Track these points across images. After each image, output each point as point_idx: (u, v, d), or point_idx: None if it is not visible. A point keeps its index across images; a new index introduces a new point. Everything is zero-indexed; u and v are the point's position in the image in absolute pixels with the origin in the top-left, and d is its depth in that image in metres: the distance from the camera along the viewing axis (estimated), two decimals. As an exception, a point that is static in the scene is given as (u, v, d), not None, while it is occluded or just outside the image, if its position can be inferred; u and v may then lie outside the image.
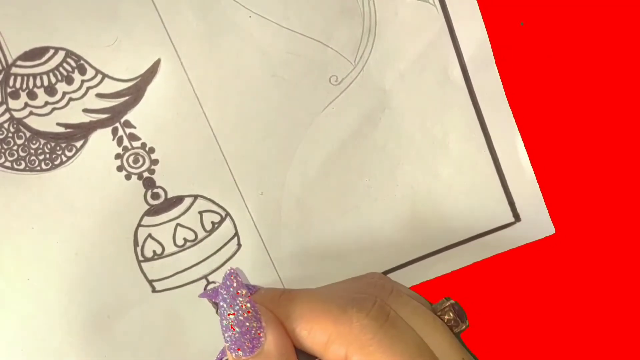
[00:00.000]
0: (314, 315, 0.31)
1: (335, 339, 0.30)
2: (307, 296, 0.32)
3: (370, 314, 0.31)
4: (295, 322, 0.31)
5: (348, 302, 0.31)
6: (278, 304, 0.32)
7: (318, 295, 0.33)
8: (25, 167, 0.36)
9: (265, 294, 0.33)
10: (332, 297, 0.32)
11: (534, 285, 0.41)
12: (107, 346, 0.38)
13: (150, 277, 0.38)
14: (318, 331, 0.31)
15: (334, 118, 0.39)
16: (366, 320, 0.30)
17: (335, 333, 0.30)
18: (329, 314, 0.31)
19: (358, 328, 0.30)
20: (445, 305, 0.34)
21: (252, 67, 0.38)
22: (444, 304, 0.34)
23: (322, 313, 0.31)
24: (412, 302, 0.33)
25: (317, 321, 0.31)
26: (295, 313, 0.32)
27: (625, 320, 0.42)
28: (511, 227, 0.40)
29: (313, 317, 0.31)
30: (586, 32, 0.39)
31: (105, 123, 0.37)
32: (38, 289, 0.37)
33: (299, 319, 0.31)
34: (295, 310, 0.32)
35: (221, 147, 0.38)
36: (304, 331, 0.31)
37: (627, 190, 0.41)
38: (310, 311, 0.31)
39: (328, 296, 0.32)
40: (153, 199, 0.38)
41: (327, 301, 0.32)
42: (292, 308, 0.32)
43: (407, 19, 0.38)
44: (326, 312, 0.31)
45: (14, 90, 0.36)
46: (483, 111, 0.39)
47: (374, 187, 0.40)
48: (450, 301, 0.34)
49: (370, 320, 0.30)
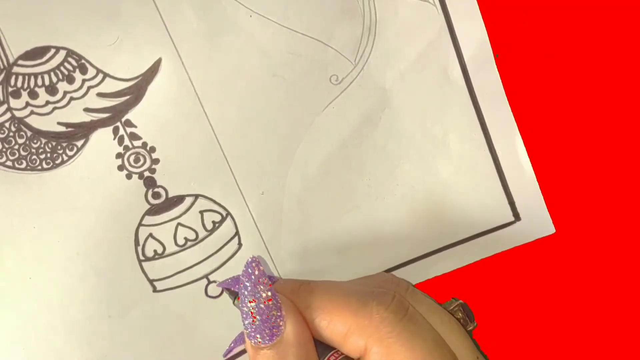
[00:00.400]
0: (334, 306, 0.31)
1: (355, 330, 0.31)
2: (328, 288, 0.33)
3: (390, 307, 0.31)
4: (315, 312, 0.32)
5: (368, 295, 0.32)
6: (298, 295, 0.32)
7: (338, 287, 0.33)
8: (26, 167, 0.36)
9: (285, 284, 0.33)
10: (352, 290, 0.32)
11: (534, 284, 0.41)
12: (108, 345, 0.38)
13: (151, 277, 0.38)
14: (338, 322, 0.31)
15: (335, 117, 0.39)
16: (386, 313, 0.31)
17: (355, 325, 0.31)
18: (349, 306, 0.31)
19: (378, 320, 0.30)
20: (454, 305, 0.34)
21: (252, 66, 0.38)
22: (453, 304, 0.34)
23: (343, 305, 0.31)
24: (428, 300, 0.34)
25: (338, 312, 0.31)
26: (315, 303, 0.32)
27: (624, 319, 0.42)
28: (511, 226, 0.40)
29: (333, 308, 0.31)
30: (586, 32, 0.40)
31: (106, 122, 0.37)
32: (39, 288, 0.37)
33: (319, 310, 0.32)
34: (315, 301, 0.32)
35: (222, 147, 0.38)
36: (324, 322, 0.31)
37: (627, 189, 0.41)
38: (331, 302, 0.31)
39: (348, 289, 0.33)
40: (154, 199, 0.38)
41: (347, 294, 0.32)
42: (312, 298, 0.32)
43: (407, 18, 0.39)
44: (346, 304, 0.31)
45: (15, 90, 0.36)
46: (483, 111, 0.39)
47: (374, 186, 0.40)
48: (458, 301, 0.35)
49: (390, 313, 0.31)
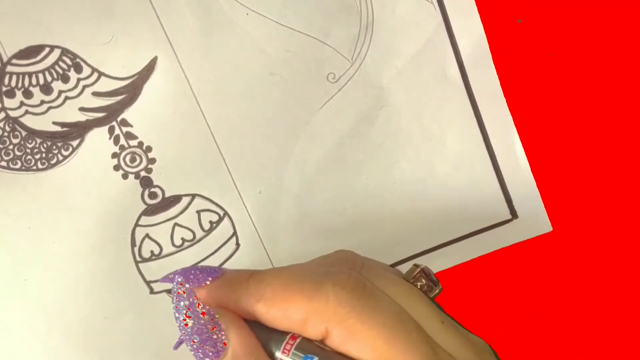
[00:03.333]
0: (288, 294, 0.30)
1: (312, 316, 0.29)
2: (278, 274, 0.31)
3: (347, 286, 0.30)
4: (269, 303, 0.30)
5: (322, 276, 0.30)
6: (247, 286, 0.31)
7: (290, 273, 0.31)
8: (21, 167, 0.36)
9: (232, 277, 0.31)
10: (305, 273, 0.31)
11: (531, 282, 0.41)
12: (104, 347, 0.38)
13: (148, 278, 0.38)
14: (294, 310, 0.30)
15: (332, 116, 0.39)
16: (343, 293, 0.29)
17: (312, 310, 0.29)
18: (303, 291, 0.30)
19: (335, 302, 0.29)
20: (416, 272, 0.33)
21: (249, 64, 0.37)
22: (415, 271, 0.33)
23: (296, 291, 0.30)
24: (385, 273, 0.32)
25: (292, 300, 0.30)
26: (267, 294, 0.30)
27: (621, 318, 0.42)
28: (508, 224, 0.40)
29: (287, 297, 0.30)
30: (583, 29, 0.40)
31: (101, 122, 0.36)
32: (35, 290, 0.37)
33: (272, 300, 0.30)
34: (267, 291, 0.30)
35: (219, 146, 0.38)
36: (280, 312, 0.30)
37: (624, 188, 0.41)
38: (284, 290, 0.30)
39: (300, 273, 0.31)
40: (150, 199, 0.37)
41: (299, 278, 0.30)
42: (263, 289, 0.30)
43: (404, 16, 0.38)
44: (300, 290, 0.30)
45: (9, 89, 0.35)
46: (480, 108, 0.39)
47: (371, 184, 0.39)
48: (420, 266, 0.33)
49: (348, 293, 0.29)
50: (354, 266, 0.32)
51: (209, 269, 0.31)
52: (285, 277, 0.31)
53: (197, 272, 0.31)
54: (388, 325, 0.29)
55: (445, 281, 0.40)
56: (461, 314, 0.40)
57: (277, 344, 0.30)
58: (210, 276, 0.31)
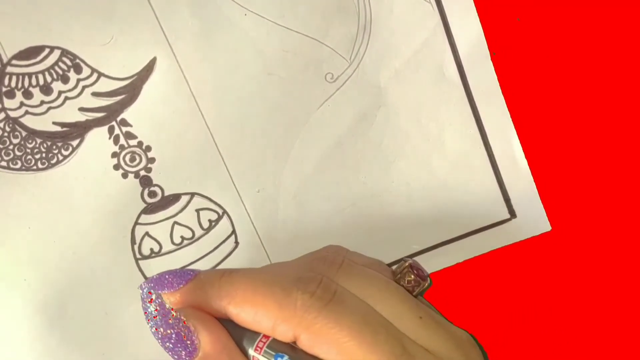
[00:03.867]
0: (257, 298, 0.31)
1: (281, 322, 0.30)
2: (250, 278, 0.31)
3: (315, 294, 0.30)
4: (239, 306, 0.31)
5: (292, 282, 0.31)
6: (219, 287, 0.31)
7: (261, 276, 0.32)
8: (21, 167, 0.36)
9: (205, 278, 0.32)
10: (276, 278, 0.31)
11: (529, 281, 0.41)
12: (105, 344, 0.38)
13: (148, 276, 0.38)
14: (263, 315, 0.30)
15: (330, 115, 0.39)
16: (310, 301, 0.30)
17: (280, 317, 0.30)
18: (272, 297, 0.30)
19: (302, 309, 0.30)
20: (404, 267, 0.33)
21: (248, 65, 0.38)
22: (403, 266, 0.33)
23: (266, 295, 0.30)
24: (364, 271, 0.33)
25: (261, 305, 0.30)
26: (237, 297, 0.31)
27: (620, 318, 0.42)
28: (506, 223, 0.40)
29: (256, 300, 0.30)
30: (581, 28, 0.40)
31: (101, 122, 0.37)
32: (35, 289, 0.37)
33: (242, 303, 0.31)
34: (238, 294, 0.31)
35: (217, 145, 0.38)
36: (249, 315, 0.31)
37: (623, 187, 0.41)
38: (253, 294, 0.31)
39: (271, 277, 0.31)
40: (150, 197, 0.38)
41: (269, 283, 0.31)
42: (234, 291, 0.31)
43: (402, 16, 0.38)
44: (269, 295, 0.30)
45: (9, 90, 0.36)
46: (478, 108, 0.39)
47: (370, 183, 0.40)
48: (408, 261, 0.34)
49: (315, 300, 0.30)
50: (331, 267, 0.32)
51: (181, 272, 0.32)
52: (255, 280, 0.31)
53: (170, 276, 0.32)
54: (354, 327, 0.30)
55: (444, 280, 0.41)
56: (459, 313, 0.41)
57: (250, 342, 0.31)
58: (184, 279, 0.32)
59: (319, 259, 0.33)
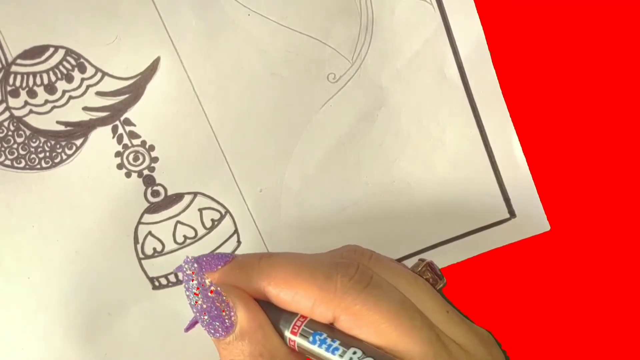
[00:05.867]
0: (298, 279, 0.31)
1: (320, 303, 0.31)
2: (290, 260, 0.32)
3: (354, 278, 0.31)
4: (279, 286, 0.31)
5: (332, 267, 0.32)
6: (259, 269, 0.32)
7: (301, 259, 0.32)
8: (25, 166, 0.36)
9: (242, 260, 0.33)
10: (315, 262, 0.32)
11: (528, 281, 0.42)
12: (108, 344, 0.38)
13: (151, 275, 0.38)
14: (303, 296, 0.31)
15: (332, 115, 0.39)
16: (350, 283, 0.31)
17: (320, 297, 0.31)
18: (312, 278, 0.31)
19: (342, 291, 0.31)
20: (421, 266, 0.34)
21: (251, 65, 0.38)
22: (420, 265, 0.35)
23: (307, 277, 0.31)
24: (392, 263, 0.34)
25: (302, 286, 0.31)
26: (277, 277, 0.31)
27: (619, 317, 0.42)
28: (506, 223, 0.41)
29: (297, 282, 0.31)
30: (581, 28, 0.40)
31: (105, 121, 0.37)
32: (39, 287, 0.37)
33: (282, 283, 0.31)
34: (278, 274, 0.31)
35: (220, 145, 0.38)
36: (289, 296, 0.31)
37: (622, 188, 0.41)
38: (294, 275, 0.31)
39: (311, 261, 0.32)
40: (153, 197, 0.38)
41: (309, 265, 0.32)
42: (274, 272, 0.31)
43: (404, 17, 0.39)
44: (309, 276, 0.31)
45: (14, 89, 0.36)
46: (479, 108, 0.40)
47: (371, 183, 0.40)
48: (425, 261, 0.35)
49: (355, 283, 0.31)
50: (362, 257, 0.33)
51: (220, 255, 0.33)
52: (295, 262, 0.32)
53: (208, 258, 0.32)
54: (392, 311, 0.31)
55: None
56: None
57: (287, 324, 0.31)
58: (222, 261, 0.32)
59: (349, 251, 0.34)
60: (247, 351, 0.31)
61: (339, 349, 0.30)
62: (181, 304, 0.38)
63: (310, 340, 0.31)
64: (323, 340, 0.31)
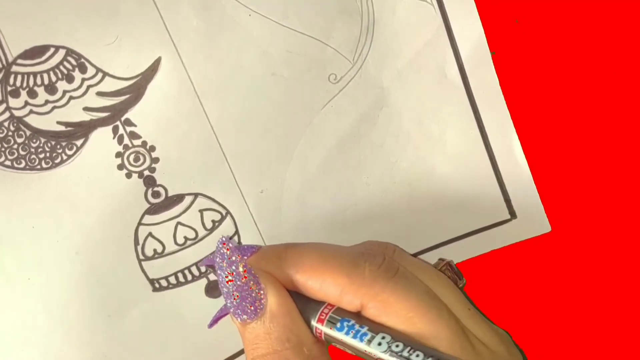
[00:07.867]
0: (326, 268, 0.31)
1: (348, 291, 0.31)
2: (317, 249, 0.33)
3: (382, 267, 0.32)
4: (307, 274, 0.32)
5: (359, 256, 0.32)
6: (285, 258, 0.32)
7: (328, 248, 0.33)
8: (25, 166, 0.36)
9: (269, 249, 0.33)
10: (342, 251, 0.33)
11: (529, 282, 0.42)
12: (108, 345, 0.38)
13: (151, 276, 0.38)
14: (331, 284, 0.31)
15: (333, 116, 0.39)
16: (378, 272, 0.31)
17: (348, 285, 0.31)
18: (341, 267, 0.31)
19: (370, 279, 0.31)
20: (442, 265, 0.35)
21: (252, 65, 0.38)
22: (441, 264, 0.35)
23: (335, 266, 0.31)
24: (416, 260, 0.34)
25: (330, 274, 0.31)
26: (305, 265, 0.32)
27: (620, 318, 0.42)
28: (507, 224, 0.41)
29: (325, 270, 0.31)
30: (581, 28, 0.40)
31: (105, 121, 0.37)
32: (39, 288, 0.37)
33: (310, 272, 0.32)
34: (305, 263, 0.32)
35: (221, 146, 0.38)
36: (317, 284, 0.31)
37: (623, 189, 0.41)
38: (323, 264, 0.32)
39: (338, 250, 0.33)
40: (154, 198, 0.38)
41: (337, 255, 0.32)
42: (301, 261, 0.32)
43: (405, 18, 0.39)
44: (337, 265, 0.31)
45: (14, 89, 0.36)
46: (480, 109, 0.40)
47: (372, 184, 0.40)
48: (445, 260, 0.35)
49: (382, 272, 0.31)
50: (387, 250, 0.34)
51: (246, 247, 0.33)
52: (323, 251, 0.32)
53: (235, 249, 0.32)
54: (420, 299, 0.31)
55: (445, 280, 0.41)
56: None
57: (313, 313, 0.32)
58: (248, 252, 0.33)
59: (373, 244, 0.35)
60: (274, 335, 0.31)
61: (367, 334, 0.30)
62: (181, 306, 0.38)
63: (337, 327, 0.31)
64: (351, 327, 0.31)
